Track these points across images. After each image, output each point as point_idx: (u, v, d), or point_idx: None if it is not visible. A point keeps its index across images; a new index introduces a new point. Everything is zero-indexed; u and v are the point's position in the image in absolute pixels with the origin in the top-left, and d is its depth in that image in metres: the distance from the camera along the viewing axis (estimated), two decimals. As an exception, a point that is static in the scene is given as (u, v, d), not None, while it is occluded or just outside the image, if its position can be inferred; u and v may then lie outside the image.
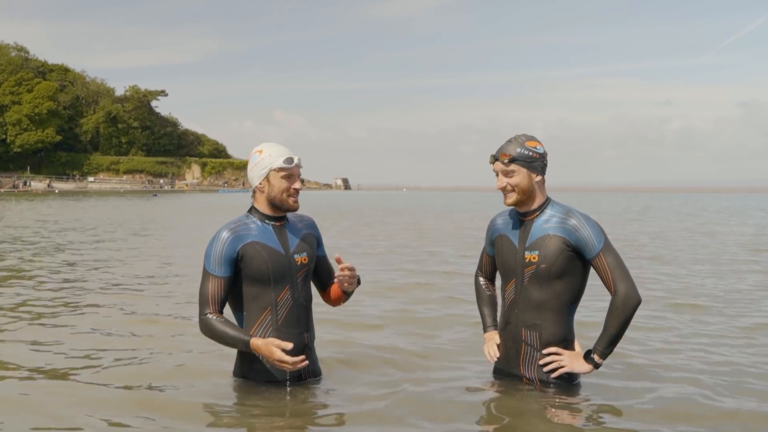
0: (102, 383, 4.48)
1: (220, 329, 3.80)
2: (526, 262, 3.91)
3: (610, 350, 3.84)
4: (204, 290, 3.87)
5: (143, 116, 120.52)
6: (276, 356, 3.69)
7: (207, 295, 3.85)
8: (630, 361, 4.99)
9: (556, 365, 3.90)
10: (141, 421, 3.78)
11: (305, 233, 4.11)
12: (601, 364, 3.88)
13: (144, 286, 8.92)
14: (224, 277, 3.84)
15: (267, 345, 3.71)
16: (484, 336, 4.29)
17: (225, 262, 3.83)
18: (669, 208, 44.32)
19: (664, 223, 25.43)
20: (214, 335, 3.83)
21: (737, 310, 7.17)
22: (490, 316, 4.30)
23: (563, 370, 3.89)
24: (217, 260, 3.84)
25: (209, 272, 3.86)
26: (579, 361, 3.89)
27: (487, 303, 4.34)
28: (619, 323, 3.76)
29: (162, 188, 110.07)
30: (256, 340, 3.74)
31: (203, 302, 3.86)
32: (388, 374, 4.68)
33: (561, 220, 3.86)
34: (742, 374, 4.72)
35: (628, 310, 3.74)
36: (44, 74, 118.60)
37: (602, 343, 3.82)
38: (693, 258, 12.79)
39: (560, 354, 3.91)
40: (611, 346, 3.82)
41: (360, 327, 6.21)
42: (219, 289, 3.84)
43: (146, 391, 4.34)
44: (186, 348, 5.42)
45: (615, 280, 3.76)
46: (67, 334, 5.97)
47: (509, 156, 3.87)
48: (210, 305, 3.84)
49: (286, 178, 3.91)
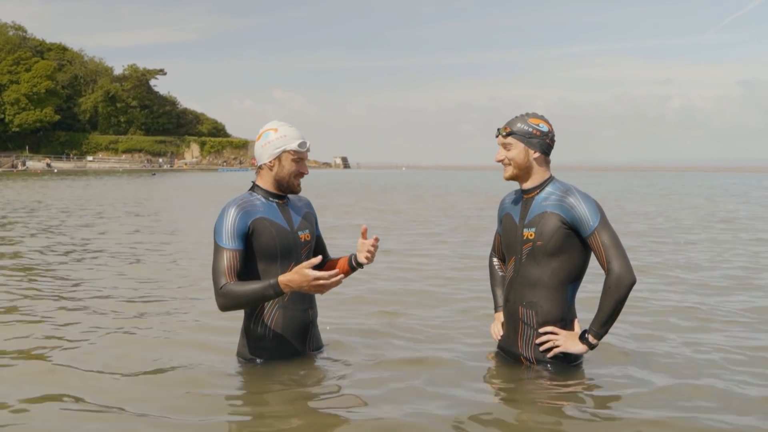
0: (99, 364, 4.52)
1: (244, 289, 3.71)
2: (524, 239, 3.96)
3: (605, 330, 3.86)
4: (219, 264, 3.80)
5: (142, 95, 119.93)
6: (312, 276, 3.57)
7: (222, 268, 3.78)
8: (628, 345, 5.04)
9: (551, 344, 3.95)
10: (143, 403, 3.80)
11: (305, 211, 4.19)
12: (596, 344, 3.90)
13: (140, 266, 8.97)
14: (238, 249, 3.82)
15: (298, 271, 3.59)
16: (494, 315, 4.37)
17: (237, 236, 3.82)
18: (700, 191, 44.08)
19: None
20: (238, 299, 3.73)
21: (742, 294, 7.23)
22: (500, 297, 4.35)
23: (558, 349, 3.94)
24: (229, 234, 3.82)
25: (222, 246, 3.81)
26: (574, 341, 3.92)
27: (500, 283, 4.38)
28: (612, 303, 3.78)
29: (161, 167, 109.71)
30: (283, 277, 3.64)
31: (218, 276, 3.78)
32: (390, 351, 4.75)
33: (559, 198, 3.90)
34: (731, 353, 4.79)
35: (622, 290, 3.76)
36: (42, 53, 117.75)
37: (596, 323, 3.84)
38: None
39: (556, 333, 3.95)
40: (606, 326, 3.84)
41: (362, 303, 6.27)
42: (234, 262, 3.80)
43: (148, 372, 4.37)
44: (187, 328, 5.48)
45: (609, 259, 3.78)
46: (59, 313, 6.03)
47: (508, 129, 3.98)
48: (226, 277, 3.77)
49: (297, 161, 3.97)
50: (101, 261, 9.33)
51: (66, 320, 5.71)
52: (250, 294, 3.71)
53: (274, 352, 4.06)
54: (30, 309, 6.13)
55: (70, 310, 6.14)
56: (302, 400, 3.79)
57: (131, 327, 5.48)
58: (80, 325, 5.54)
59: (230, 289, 3.73)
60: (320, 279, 3.58)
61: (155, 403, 3.77)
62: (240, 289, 3.72)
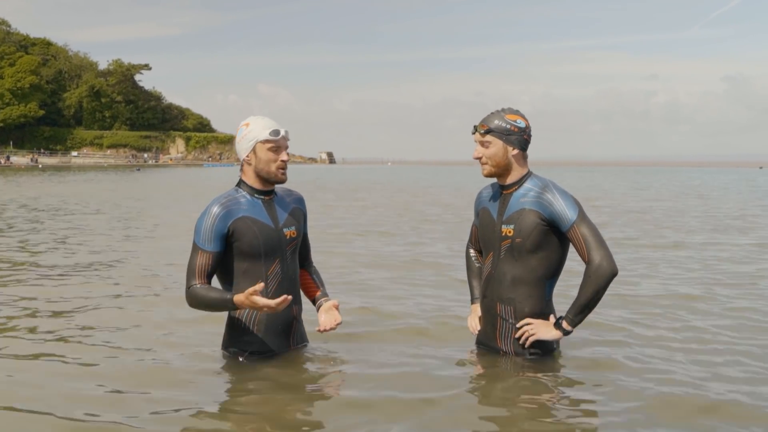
0: (87, 357, 4.55)
1: (207, 296, 3.85)
2: (503, 235, 3.99)
3: (580, 318, 3.89)
4: (192, 264, 3.92)
5: (127, 90, 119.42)
6: (261, 303, 3.69)
7: (194, 268, 3.91)
8: (610, 333, 5.11)
9: (527, 335, 3.99)
10: (130, 396, 3.84)
11: (293, 207, 4.20)
12: (571, 331, 3.94)
13: (121, 264, 8.98)
14: (213, 252, 3.90)
15: (246, 297, 3.70)
16: (471, 308, 4.39)
17: (215, 238, 3.89)
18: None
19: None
20: (201, 302, 3.88)
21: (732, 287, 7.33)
22: (477, 288, 4.37)
23: (533, 338, 3.97)
24: (207, 235, 3.89)
25: (198, 246, 3.91)
26: (548, 328, 3.96)
27: (476, 275, 4.39)
28: (590, 292, 3.81)
29: (146, 162, 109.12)
30: (238, 296, 3.76)
31: (190, 275, 3.92)
32: (374, 346, 4.79)
33: (537, 194, 3.92)
34: (709, 342, 4.89)
35: (600, 280, 3.79)
36: (26, 48, 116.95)
37: (573, 311, 3.88)
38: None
39: (530, 324, 3.99)
40: (581, 314, 3.87)
41: (346, 297, 6.31)
42: (207, 263, 3.90)
43: (134, 363, 4.41)
44: (175, 320, 5.50)
45: (589, 250, 3.80)
46: (47, 305, 6.04)
47: (486, 127, 3.97)
48: (197, 278, 3.90)
49: (273, 150, 3.96)
50: (73, 259, 9.33)
51: (38, 319, 5.71)
52: (211, 302, 3.87)
53: (258, 346, 4.09)
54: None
55: (43, 311, 6.15)
56: (284, 394, 3.82)
57: (113, 320, 5.49)
58: (63, 318, 5.57)
59: (196, 293, 3.90)
60: (268, 306, 3.71)
61: (135, 397, 3.81)
62: (203, 294, 3.87)
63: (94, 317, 5.69)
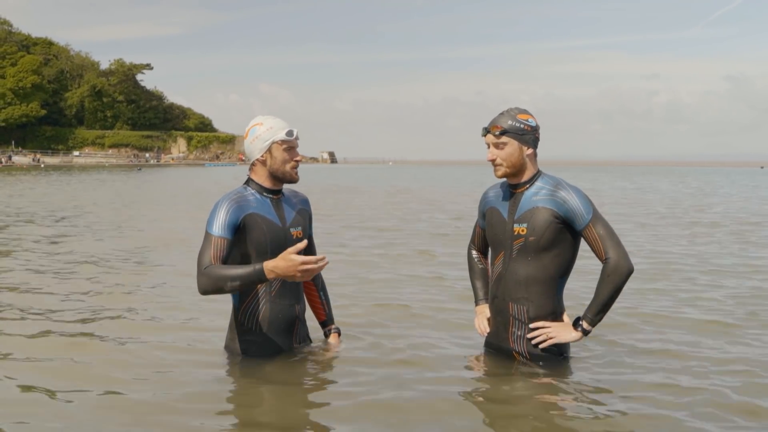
0: (86, 357, 4.51)
1: (227, 271, 3.65)
2: (515, 234, 3.94)
3: (599, 318, 3.85)
4: (205, 249, 3.76)
5: (128, 90, 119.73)
6: (299, 261, 3.52)
7: (209, 252, 3.74)
8: (620, 336, 5.04)
9: (544, 337, 3.93)
10: (130, 396, 3.80)
11: (300, 208, 4.20)
12: (590, 331, 3.90)
13: (126, 262, 8.93)
14: (227, 238, 3.80)
15: (284, 256, 3.54)
16: (475, 309, 4.34)
17: (228, 226, 3.81)
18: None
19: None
20: (220, 280, 3.65)
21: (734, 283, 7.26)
22: (481, 290, 4.34)
23: (552, 341, 3.92)
24: (220, 223, 3.80)
25: (212, 234, 3.78)
26: (567, 330, 3.91)
27: (479, 276, 4.38)
28: (609, 291, 3.78)
29: (148, 162, 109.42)
30: (269, 262, 3.59)
31: (203, 258, 3.73)
32: (377, 347, 4.73)
33: (550, 192, 3.88)
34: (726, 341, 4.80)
35: (618, 278, 3.76)
36: (28, 48, 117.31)
37: (592, 310, 3.84)
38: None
39: (547, 326, 3.94)
40: (601, 313, 3.83)
41: (347, 298, 6.25)
42: (221, 249, 3.77)
43: (134, 363, 4.37)
44: (175, 320, 5.47)
45: (606, 248, 3.79)
46: (51, 305, 5.98)
47: (501, 128, 3.90)
48: (212, 260, 3.73)
49: (288, 150, 3.98)
50: (74, 259, 9.27)
51: (39, 321, 5.65)
52: (233, 277, 3.63)
53: (260, 346, 4.06)
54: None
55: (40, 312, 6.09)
56: (287, 393, 3.79)
57: (114, 321, 5.44)
58: (68, 317, 5.50)
59: (213, 270, 3.68)
60: (307, 263, 3.54)
61: (136, 397, 3.76)
62: (222, 271, 3.65)
63: (93, 318, 5.63)
